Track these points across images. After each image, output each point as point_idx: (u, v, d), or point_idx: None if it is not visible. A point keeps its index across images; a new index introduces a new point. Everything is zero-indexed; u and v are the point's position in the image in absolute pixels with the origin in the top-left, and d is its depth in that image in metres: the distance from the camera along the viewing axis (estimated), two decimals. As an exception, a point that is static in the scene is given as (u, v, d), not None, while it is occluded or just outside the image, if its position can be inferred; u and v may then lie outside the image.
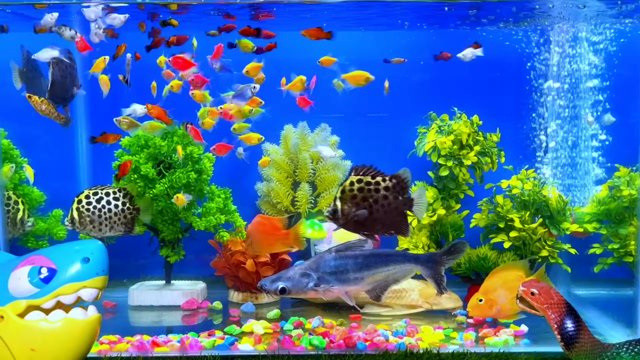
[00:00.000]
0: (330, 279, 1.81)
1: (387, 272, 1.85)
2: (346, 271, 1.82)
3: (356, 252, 1.84)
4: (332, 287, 1.82)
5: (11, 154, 2.42)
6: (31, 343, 1.49)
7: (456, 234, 2.41)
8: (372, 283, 1.85)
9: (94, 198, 2.18)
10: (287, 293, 1.80)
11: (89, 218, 2.15)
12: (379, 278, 1.85)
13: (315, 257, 1.85)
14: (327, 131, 2.60)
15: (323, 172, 2.56)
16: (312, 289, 1.81)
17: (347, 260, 1.84)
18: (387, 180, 1.91)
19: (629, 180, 2.35)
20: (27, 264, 1.51)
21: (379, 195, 1.89)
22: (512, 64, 2.58)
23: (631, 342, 1.53)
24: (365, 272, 1.83)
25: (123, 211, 2.18)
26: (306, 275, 1.81)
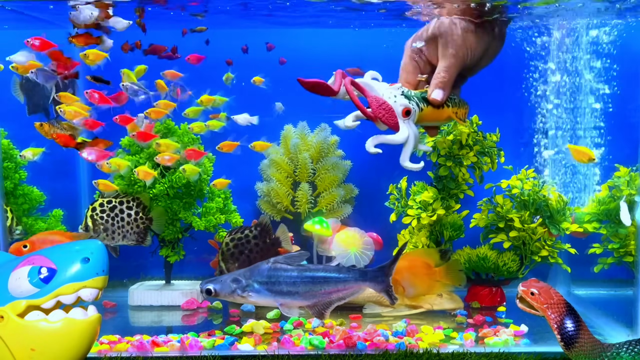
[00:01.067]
0: (260, 288, 1.85)
1: (327, 290, 1.87)
2: (278, 283, 1.85)
3: (295, 266, 1.87)
4: (260, 296, 1.86)
5: (11, 154, 2.42)
6: (31, 343, 1.49)
7: (456, 233, 2.41)
8: (311, 299, 1.87)
9: (107, 206, 2.17)
10: (214, 295, 1.84)
11: (102, 226, 2.15)
12: (317, 295, 1.87)
13: (254, 265, 1.90)
14: (327, 131, 2.60)
15: (323, 172, 2.56)
16: (239, 294, 1.85)
17: (281, 272, 1.87)
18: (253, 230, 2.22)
19: (629, 180, 2.35)
20: (27, 264, 1.51)
21: (250, 245, 2.19)
22: (512, 64, 2.57)
23: (631, 342, 1.53)
24: (300, 287, 1.86)
25: (136, 220, 2.18)
26: (236, 281, 1.85)
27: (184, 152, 2.23)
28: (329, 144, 2.58)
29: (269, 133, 2.60)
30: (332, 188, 2.57)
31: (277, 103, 2.38)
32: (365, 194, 2.64)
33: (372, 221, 2.53)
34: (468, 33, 1.77)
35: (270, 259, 1.87)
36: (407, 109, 1.65)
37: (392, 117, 1.64)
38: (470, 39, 1.77)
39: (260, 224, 2.27)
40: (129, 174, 2.22)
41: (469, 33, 1.77)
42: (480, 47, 1.80)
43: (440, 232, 2.41)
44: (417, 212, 2.34)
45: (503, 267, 2.32)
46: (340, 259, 2.29)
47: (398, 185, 2.44)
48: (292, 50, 2.55)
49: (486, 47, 1.82)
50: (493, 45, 1.84)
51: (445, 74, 1.77)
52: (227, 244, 2.28)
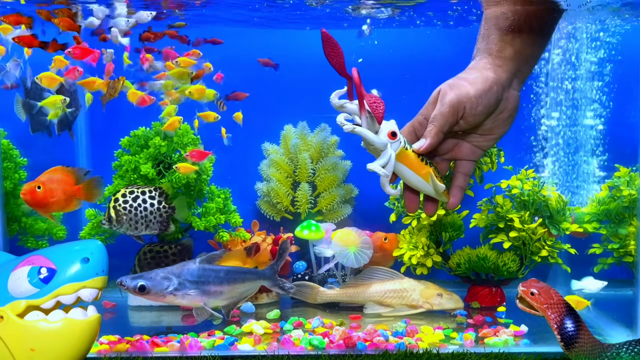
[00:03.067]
0: (191, 287, 1.90)
1: (242, 289, 1.99)
2: (208, 282, 1.92)
3: (219, 266, 1.95)
4: (191, 295, 1.91)
5: (11, 154, 2.42)
6: (31, 343, 1.49)
7: (455, 234, 2.41)
8: (230, 298, 1.97)
9: (130, 196, 2.18)
10: (146, 292, 1.86)
11: (125, 217, 2.15)
12: (235, 294, 1.97)
13: (180, 264, 1.94)
14: (327, 131, 2.60)
15: (323, 172, 2.56)
16: (171, 292, 1.89)
17: (210, 272, 1.94)
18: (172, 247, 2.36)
19: (629, 180, 2.35)
20: (26, 264, 1.51)
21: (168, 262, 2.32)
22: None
23: (631, 342, 1.53)
24: (225, 286, 1.95)
25: (159, 210, 2.19)
26: (167, 279, 1.87)
27: (188, 152, 2.23)
28: (329, 144, 2.58)
29: (269, 133, 2.61)
30: (332, 188, 2.57)
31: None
32: (365, 194, 2.64)
33: (372, 221, 2.53)
34: (468, 85, 1.59)
35: (195, 258, 1.92)
36: (393, 131, 1.56)
37: (380, 109, 1.53)
38: (469, 91, 1.58)
39: (182, 244, 2.39)
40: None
41: (470, 85, 1.59)
42: (483, 104, 1.59)
43: (439, 232, 2.41)
44: (417, 212, 2.34)
45: (503, 267, 2.32)
46: (340, 258, 2.28)
47: (398, 185, 2.44)
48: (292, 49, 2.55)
49: (491, 105, 1.61)
50: (506, 107, 1.64)
51: (432, 124, 1.59)
52: (145, 253, 2.37)
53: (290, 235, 2.45)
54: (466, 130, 1.66)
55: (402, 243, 2.42)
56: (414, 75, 2.59)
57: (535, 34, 1.67)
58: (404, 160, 1.61)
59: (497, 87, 1.60)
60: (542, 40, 1.70)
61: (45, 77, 2.05)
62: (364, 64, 2.26)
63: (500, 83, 1.61)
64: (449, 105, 1.57)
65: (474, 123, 1.62)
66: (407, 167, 1.62)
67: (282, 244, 2.11)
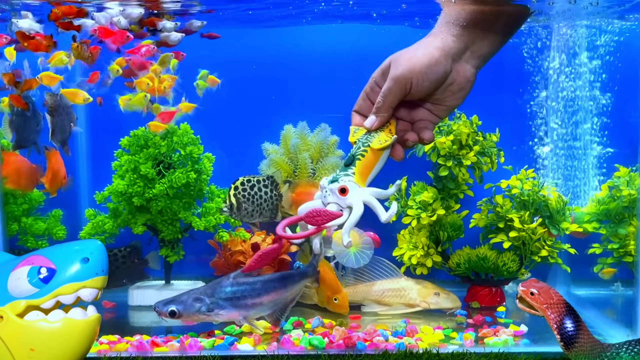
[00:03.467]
0: (225, 305, 1.89)
1: (286, 294, 1.96)
2: (243, 297, 1.90)
3: (255, 277, 1.93)
4: (227, 313, 1.90)
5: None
6: (30, 343, 1.49)
7: (455, 234, 2.41)
8: (273, 307, 1.95)
9: (247, 185, 2.21)
10: (178, 316, 1.87)
11: (244, 204, 2.18)
12: (279, 302, 1.95)
13: (213, 282, 1.94)
14: (327, 131, 2.60)
15: (323, 172, 2.56)
16: (204, 313, 1.89)
17: (244, 286, 1.92)
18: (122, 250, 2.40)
19: (629, 180, 2.35)
20: (26, 264, 1.51)
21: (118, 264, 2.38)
22: (512, 63, 2.58)
23: (631, 342, 1.53)
24: (264, 296, 1.92)
25: (271, 198, 2.22)
26: (199, 300, 1.88)
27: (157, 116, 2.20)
28: (329, 144, 2.58)
29: (269, 133, 2.60)
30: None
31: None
32: (365, 194, 2.64)
33: (372, 221, 2.52)
34: (415, 59, 1.59)
35: (230, 274, 1.92)
36: (341, 188, 1.61)
37: (326, 215, 1.61)
38: (415, 66, 1.58)
39: (131, 246, 2.43)
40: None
41: (417, 59, 1.59)
42: (429, 78, 1.60)
43: (439, 232, 2.41)
44: (417, 212, 2.34)
45: (503, 267, 2.32)
46: (340, 258, 2.28)
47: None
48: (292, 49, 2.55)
49: (438, 79, 1.61)
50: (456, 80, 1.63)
51: (380, 98, 1.62)
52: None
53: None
54: (417, 99, 1.68)
55: (402, 243, 2.42)
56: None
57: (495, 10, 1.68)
58: (369, 166, 1.68)
59: (445, 59, 1.61)
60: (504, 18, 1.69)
61: (45, 76, 2.05)
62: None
63: (449, 54, 1.61)
64: (394, 81, 1.60)
65: (422, 95, 1.65)
66: (373, 168, 1.69)
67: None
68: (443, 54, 1.61)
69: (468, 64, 1.66)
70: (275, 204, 2.28)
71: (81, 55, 2.02)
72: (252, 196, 2.24)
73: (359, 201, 1.64)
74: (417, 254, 2.35)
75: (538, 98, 2.58)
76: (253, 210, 2.25)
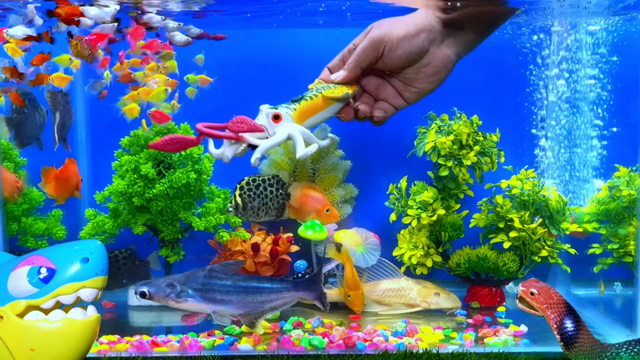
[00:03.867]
0: (195, 295, 1.90)
1: (260, 300, 1.93)
2: (212, 291, 1.90)
3: (229, 275, 1.93)
4: (194, 302, 1.90)
5: (11, 154, 2.42)
6: (30, 343, 1.49)
7: (455, 234, 2.41)
8: (244, 308, 1.93)
9: (253, 185, 2.22)
10: (148, 298, 1.88)
11: (250, 204, 2.19)
12: (250, 304, 1.93)
13: (191, 271, 1.94)
14: (327, 131, 2.60)
15: (323, 172, 2.56)
16: (173, 299, 1.89)
17: (216, 280, 1.92)
18: (122, 252, 2.39)
19: (629, 180, 2.35)
20: (26, 264, 1.51)
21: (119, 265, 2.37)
22: (512, 63, 2.58)
23: (631, 342, 1.53)
24: (233, 296, 1.92)
25: (277, 197, 2.23)
26: (171, 286, 1.89)
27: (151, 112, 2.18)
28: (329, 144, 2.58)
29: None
30: (332, 188, 2.56)
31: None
32: (365, 194, 2.64)
33: (372, 221, 2.53)
34: (396, 27, 1.61)
35: (207, 266, 1.93)
36: (275, 114, 1.72)
37: (247, 124, 1.71)
38: (393, 32, 1.60)
39: (129, 249, 2.43)
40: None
41: (398, 27, 1.61)
42: (404, 48, 1.61)
43: (439, 232, 2.41)
44: (417, 212, 2.34)
45: (503, 267, 2.32)
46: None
47: (398, 185, 2.44)
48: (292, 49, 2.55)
49: (412, 52, 1.62)
50: (431, 62, 1.65)
51: (353, 56, 1.65)
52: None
53: (290, 235, 2.45)
54: (387, 71, 1.68)
55: (402, 243, 2.42)
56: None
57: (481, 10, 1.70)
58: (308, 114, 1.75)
59: (425, 35, 1.62)
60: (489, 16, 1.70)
61: (56, 77, 2.05)
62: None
63: (431, 32, 1.62)
64: (369, 40, 1.62)
65: (392, 65, 1.65)
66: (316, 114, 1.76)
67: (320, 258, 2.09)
68: (424, 32, 1.61)
69: (449, 49, 1.65)
70: (282, 202, 2.29)
71: (80, 53, 2.01)
72: (257, 195, 2.26)
73: (285, 131, 1.72)
74: (417, 254, 2.35)
75: (538, 98, 2.58)
76: (259, 209, 2.26)
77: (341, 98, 1.74)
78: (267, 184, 2.29)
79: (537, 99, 2.58)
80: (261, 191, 2.27)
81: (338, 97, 1.74)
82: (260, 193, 2.27)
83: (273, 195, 2.29)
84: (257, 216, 2.29)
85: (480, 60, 2.56)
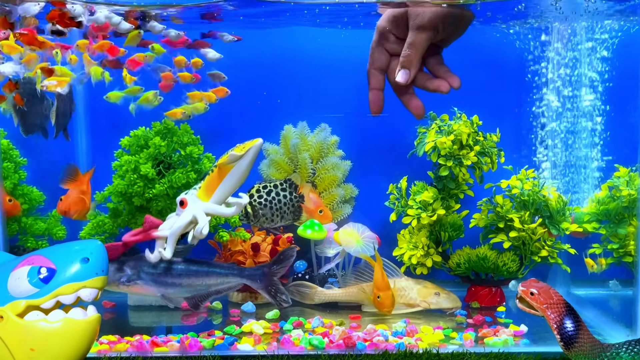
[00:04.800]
0: (146, 278, 1.97)
1: (207, 283, 2.01)
2: (163, 275, 1.97)
3: (179, 259, 1.99)
4: (144, 285, 1.98)
5: (11, 154, 2.42)
6: (31, 343, 1.49)
7: (455, 234, 2.41)
8: (191, 291, 2.00)
9: (264, 191, 2.23)
10: None
11: (261, 211, 2.19)
12: (198, 287, 2.00)
13: (139, 255, 2.00)
14: (327, 131, 2.60)
15: (323, 172, 2.56)
16: (123, 283, 1.96)
17: (166, 263, 1.98)
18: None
19: (629, 180, 2.35)
20: (26, 264, 1.51)
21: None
22: (512, 63, 2.58)
23: (631, 342, 1.53)
24: (184, 279, 1.99)
25: (291, 200, 2.23)
26: (121, 270, 1.95)
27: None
28: (329, 144, 2.58)
29: (269, 133, 2.60)
30: (332, 188, 2.57)
31: None
32: (365, 194, 2.64)
33: (372, 221, 2.53)
34: (429, 9, 1.62)
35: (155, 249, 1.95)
36: (181, 200, 1.86)
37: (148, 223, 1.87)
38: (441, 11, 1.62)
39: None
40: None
41: (430, 8, 1.62)
42: (452, 18, 1.63)
43: (439, 231, 2.41)
44: (417, 212, 2.34)
45: (503, 267, 2.32)
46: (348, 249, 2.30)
47: (398, 185, 2.45)
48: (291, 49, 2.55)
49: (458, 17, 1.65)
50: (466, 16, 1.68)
51: (409, 50, 1.62)
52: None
53: (289, 235, 2.45)
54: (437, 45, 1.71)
55: (402, 243, 2.42)
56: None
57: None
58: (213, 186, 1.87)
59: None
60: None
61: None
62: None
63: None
64: (424, 28, 1.61)
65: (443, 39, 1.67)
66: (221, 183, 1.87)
67: (285, 251, 2.10)
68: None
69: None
70: (297, 206, 2.28)
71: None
72: (269, 202, 2.25)
73: (189, 214, 1.84)
74: (417, 254, 2.35)
75: (538, 98, 2.58)
76: (273, 215, 2.25)
77: (230, 158, 1.86)
78: (279, 189, 2.28)
79: (537, 99, 2.58)
80: (273, 197, 2.26)
81: (228, 160, 1.86)
82: (272, 199, 2.26)
83: (287, 200, 2.27)
84: (271, 222, 2.28)
85: (481, 61, 2.56)
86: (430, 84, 1.70)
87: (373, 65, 1.71)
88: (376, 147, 2.62)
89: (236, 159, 1.84)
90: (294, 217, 2.31)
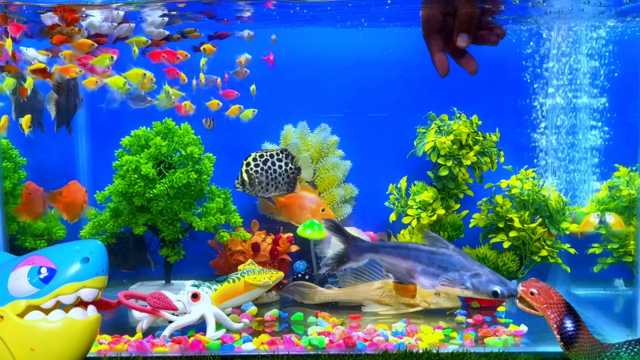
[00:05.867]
0: None
1: None
2: None
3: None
4: None
5: (10, 153, 2.42)
6: (31, 343, 1.49)
7: (455, 233, 2.41)
8: None
9: (260, 160, 2.23)
10: None
11: (257, 179, 2.19)
12: None
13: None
14: (327, 131, 2.60)
15: (323, 172, 2.56)
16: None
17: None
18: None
19: (629, 180, 2.35)
20: (26, 264, 1.51)
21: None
22: (512, 64, 2.58)
23: (631, 342, 1.53)
24: None
25: (286, 171, 2.23)
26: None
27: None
28: (329, 144, 2.58)
29: (269, 133, 2.61)
30: (332, 188, 2.57)
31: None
32: (365, 194, 2.64)
33: (372, 221, 2.53)
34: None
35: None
36: (194, 293, 1.94)
37: (164, 301, 1.91)
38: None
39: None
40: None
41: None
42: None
43: (440, 231, 2.41)
44: (417, 212, 2.34)
45: (503, 267, 2.32)
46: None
47: (398, 185, 2.45)
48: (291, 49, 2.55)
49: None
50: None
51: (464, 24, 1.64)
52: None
53: (290, 235, 2.45)
54: None
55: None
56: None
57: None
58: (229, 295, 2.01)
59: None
60: None
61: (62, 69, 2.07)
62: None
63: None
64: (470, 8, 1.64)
65: None
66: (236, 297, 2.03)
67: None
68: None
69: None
70: (292, 176, 2.28)
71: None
72: (265, 171, 2.25)
73: (199, 312, 1.93)
74: (417, 254, 2.35)
75: (538, 98, 2.58)
76: (268, 184, 2.25)
77: (261, 285, 2.02)
78: (275, 159, 2.27)
79: (537, 99, 2.58)
80: (269, 166, 2.26)
81: (258, 284, 2.01)
82: (269, 168, 2.26)
83: (282, 170, 2.27)
84: (266, 191, 2.28)
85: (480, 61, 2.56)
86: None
87: (429, 28, 1.68)
88: (376, 147, 2.62)
89: (267, 286, 2.04)
90: (288, 188, 2.32)
